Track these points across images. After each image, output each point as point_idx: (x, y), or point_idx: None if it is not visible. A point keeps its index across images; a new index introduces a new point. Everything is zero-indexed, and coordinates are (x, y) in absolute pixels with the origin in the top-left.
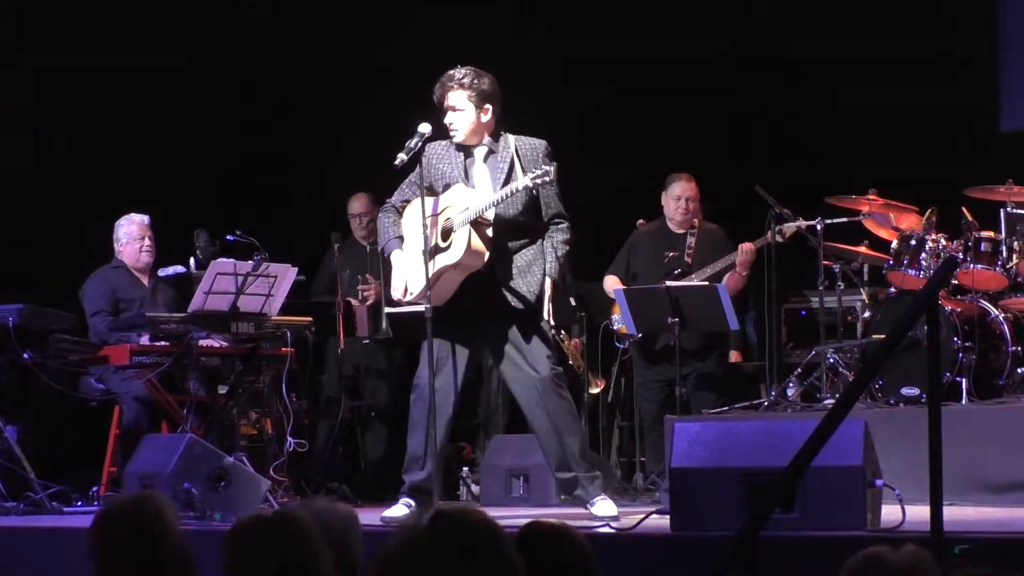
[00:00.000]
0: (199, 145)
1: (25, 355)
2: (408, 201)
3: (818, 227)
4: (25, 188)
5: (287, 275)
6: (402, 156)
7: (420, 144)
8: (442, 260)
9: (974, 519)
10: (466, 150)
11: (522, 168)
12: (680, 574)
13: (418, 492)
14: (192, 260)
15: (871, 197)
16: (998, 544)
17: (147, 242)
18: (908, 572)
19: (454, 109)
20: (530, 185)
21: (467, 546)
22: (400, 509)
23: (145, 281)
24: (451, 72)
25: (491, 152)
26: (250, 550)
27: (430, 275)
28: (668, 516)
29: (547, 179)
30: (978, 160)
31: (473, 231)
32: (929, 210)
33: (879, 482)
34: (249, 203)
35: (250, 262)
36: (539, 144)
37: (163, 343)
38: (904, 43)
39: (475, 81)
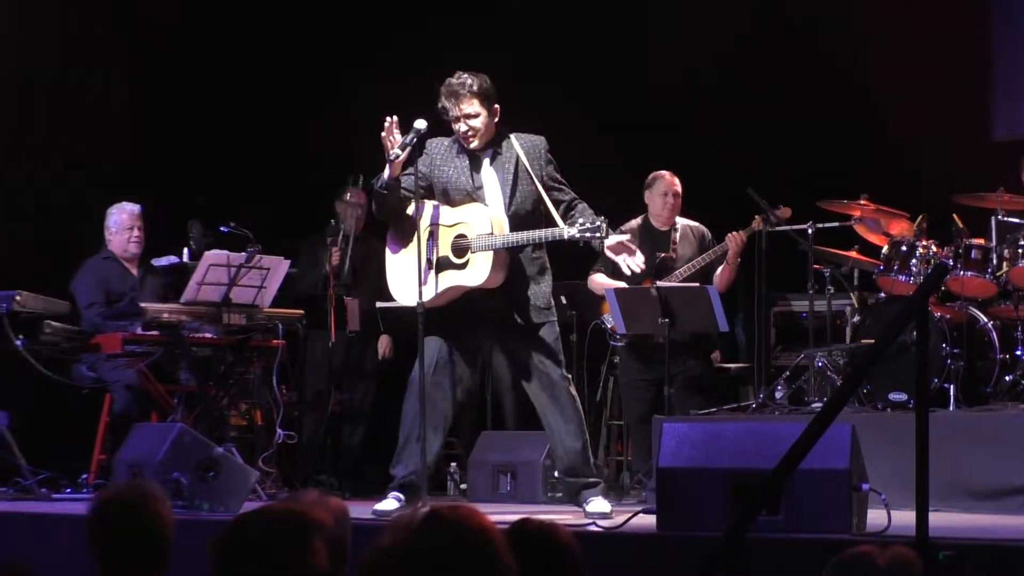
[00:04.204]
0: (196, 134)
1: (17, 341)
2: (411, 194)
3: (809, 231)
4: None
5: (279, 267)
6: (396, 151)
7: (415, 140)
8: (456, 278)
9: (959, 525)
10: (471, 154)
11: (528, 166)
12: (666, 573)
13: (406, 487)
14: (186, 251)
15: (863, 202)
16: (983, 550)
17: (136, 232)
18: (894, 572)
19: (471, 117)
20: (577, 237)
21: (461, 545)
22: (390, 503)
23: (134, 271)
24: (459, 80)
25: (496, 153)
26: (247, 546)
27: (440, 288)
28: (655, 515)
29: (599, 235)
30: (970, 167)
31: (495, 256)
32: (920, 216)
33: (865, 486)
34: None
35: (243, 254)
36: (539, 141)
37: (155, 333)
38: (898, 49)
39: (483, 85)
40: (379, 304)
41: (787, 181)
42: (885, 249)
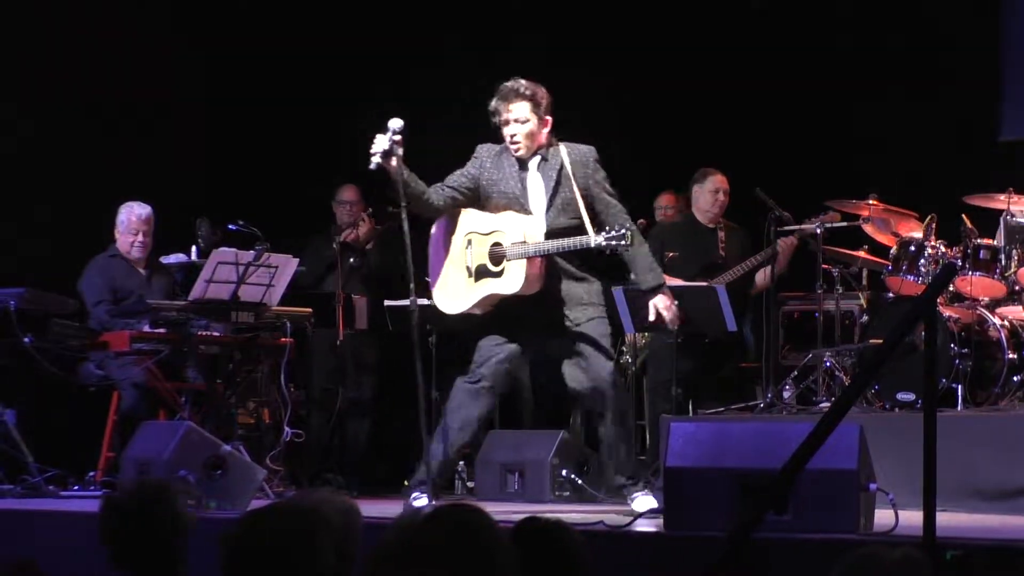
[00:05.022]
0: (207, 131)
1: (25, 339)
2: (456, 195)
3: (818, 231)
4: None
5: (288, 265)
6: (376, 160)
7: (391, 142)
8: (494, 286)
9: (967, 525)
10: (520, 160)
11: (572, 175)
12: (673, 573)
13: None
14: (194, 248)
15: (871, 202)
16: (990, 550)
17: (141, 237)
18: (903, 572)
19: (517, 121)
20: (604, 245)
21: (463, 543)
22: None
23: (141, 269)
24: (511, 84)
25: (543, 160)
26: (255, 543)
27: (480, 297)
28: (662, 515)
29: (624, 243)
30: (979, 168)
31: (528, 264)
32: (929, 216)
33: (873, 486)
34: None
35: (251, 252)
36: (587, 151)
37: (163, 331)
38: (907, 50)
39: (536, 93)
40: (387, 302)
41: (795, 181)
42: (894, 249)
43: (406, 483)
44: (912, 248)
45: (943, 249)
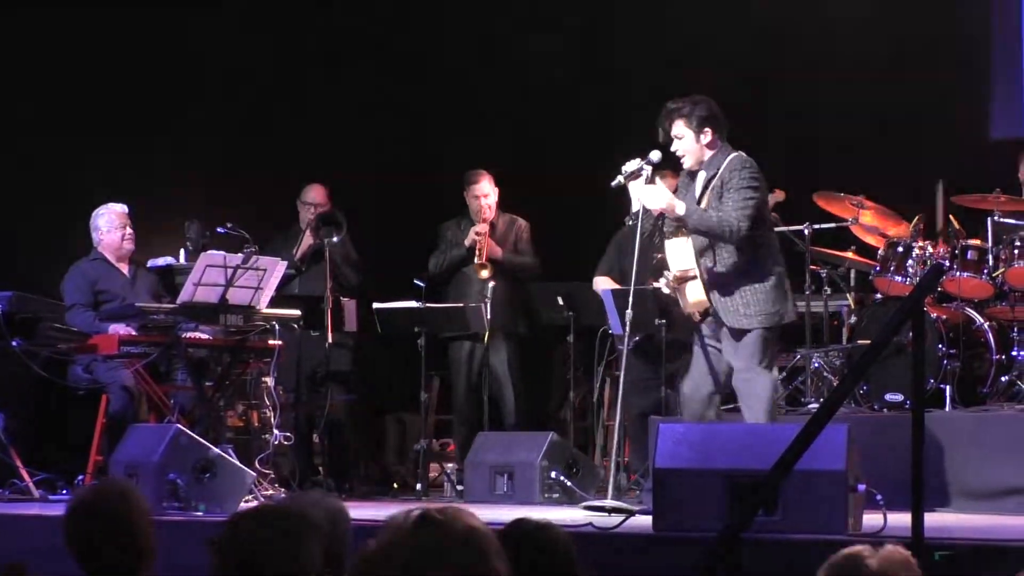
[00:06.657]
0: (191, 135)
1: (14, 343)
2: None
3: (806, 232)
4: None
5: (276, 268)
6: (620, 179)
7: (641, 170)
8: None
9: (955, 525)
10: (692, 175)
11: (721, 184)
12: (662, 573)
13: None
14: (183, 251)
15: (861, 201)
16: (978, 551)
17: (128, 230)
18: (888, 572)
19: (677, 137)
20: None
21: (452, 547)
22: None
23: (125, 270)
24: (669, 105)
25: (704, 171)
26: (241, 545)
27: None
28: (651, 516)
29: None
30: (967, 168)
31: (687, 290)
32: (916, 217)
33: (861, 487)
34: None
35: (240, 255)
36: (736, 157)
37: (152, 333)
38: (897, 50)
39: (692, 108)
40: (376, 305)
41: (783, 181)
42: (881, 250)
43: (395, 486)
44: (900, 249)
45: (931, 250)
